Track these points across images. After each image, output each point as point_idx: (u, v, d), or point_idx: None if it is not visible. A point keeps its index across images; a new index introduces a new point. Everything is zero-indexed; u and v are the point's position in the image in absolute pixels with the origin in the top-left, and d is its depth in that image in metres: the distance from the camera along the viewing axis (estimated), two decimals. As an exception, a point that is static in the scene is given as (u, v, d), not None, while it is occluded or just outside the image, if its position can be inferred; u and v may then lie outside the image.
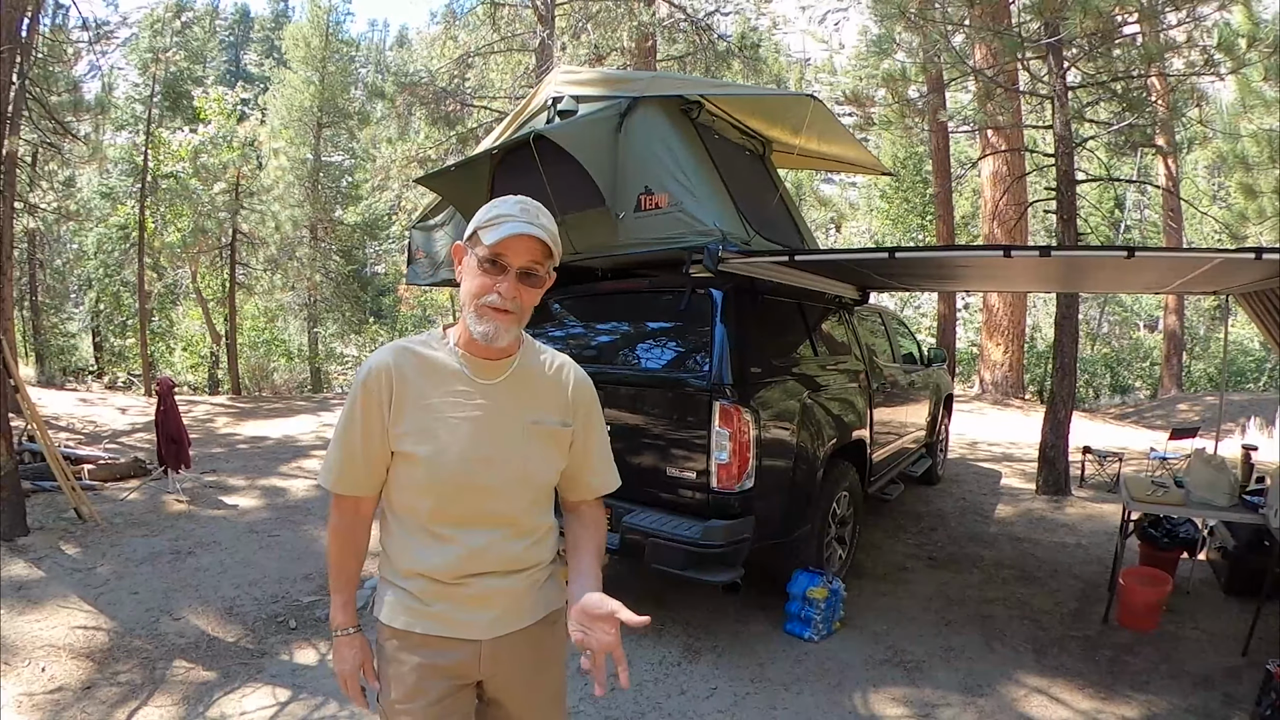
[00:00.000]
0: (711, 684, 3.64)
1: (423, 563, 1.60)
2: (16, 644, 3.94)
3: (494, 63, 14.51)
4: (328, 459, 1.65)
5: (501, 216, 1.51)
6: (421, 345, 1.63)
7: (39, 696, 3.48)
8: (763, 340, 4.10)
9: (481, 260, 1.52)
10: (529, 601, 1.70)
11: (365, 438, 1.59)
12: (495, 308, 1.51)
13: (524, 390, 1.65)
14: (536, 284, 1.56)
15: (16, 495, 5.53)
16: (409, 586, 1.62)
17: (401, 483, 1.62)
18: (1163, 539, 4.82)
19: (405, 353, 1.61)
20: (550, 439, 1.67)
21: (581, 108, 4.73)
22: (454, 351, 1.62)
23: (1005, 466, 8.79)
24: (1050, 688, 3.64)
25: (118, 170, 20.07)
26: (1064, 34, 6.70)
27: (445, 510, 1.59)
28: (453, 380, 1.59)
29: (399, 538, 1.64)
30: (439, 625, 1.62)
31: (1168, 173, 17.75)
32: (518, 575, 1.66)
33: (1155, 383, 20.24)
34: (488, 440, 1.58)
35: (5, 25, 5.50)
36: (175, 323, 23.34)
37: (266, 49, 60.99)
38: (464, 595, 1.61)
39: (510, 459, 1.60)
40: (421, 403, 1.57)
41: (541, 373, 1.70)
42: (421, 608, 1.61)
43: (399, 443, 1.57)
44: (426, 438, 1.56)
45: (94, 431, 10.81)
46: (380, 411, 1.57)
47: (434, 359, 1.61)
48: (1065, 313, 7.33)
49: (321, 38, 22.67)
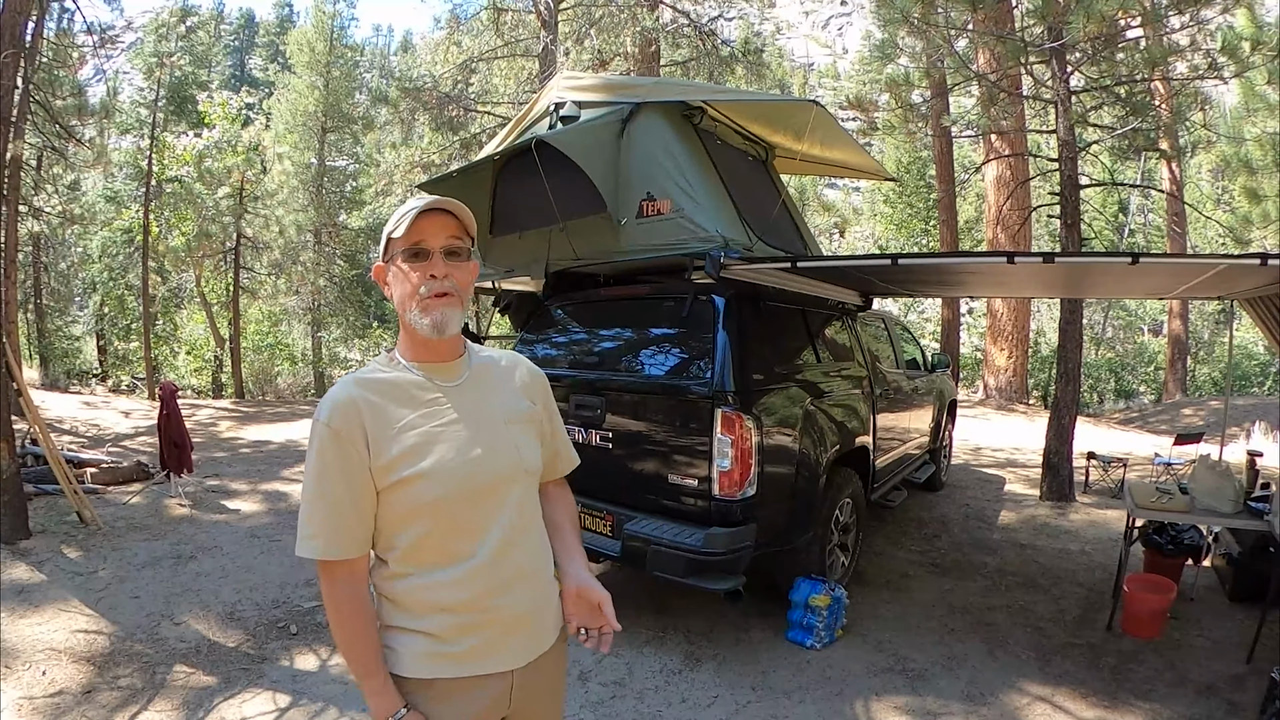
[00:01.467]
0: (713, 692, 3.62)
1: (442, 594, 1.49)
2: (17, 647, 3.94)
3: (497, 68, 14.53)
4: (307, 524, 1.46)
5: (405, 210, 1.49)
6: (373, 372, 1.56)
7: (39, 700, 3.48)
8: (765, 347, 4.09)
9: (405, 256, 1.49)
10: (550, 614, 1.65)
11: (349, 487, 1.46)
12: (436, 294, 1.48)
13: (488, 384, 1.63)
14: (463, 260, 1.54)
15: (18, 498, 5.54)
16: (427, 627, 1.50)
17: (399, 513, 1.49)
18: (1167, 545, 4.80)
19: (362, 383, 1.52)
20: (529, 424, 1.66)
21: (584, 113, 4.73)
22: (408, 367, 1.57)
23: (1009, 472, 8.76)
24: (1054, 696, 3.62)
25: (122, 174, 20.11)
26: (1067, 38, 6.68)
27: (453, 524, 1.50)
28: (419, 392, 1.54)
29: (405, 577, 1.51)
30: (468, 665, 1.51)
31: (1171, 177, 17.71)
32: (538, 581, 1.61)
33: (1159, 387, 20.22)
34: (479, 437, 1.54)
35: (8, 29, 5.50)
36: (179, 326, 23.41)
37: (271, 54, 61.27)
38: (490, 624, 1.52)
39: (504, 450, 1.57)
40: (399, 425, 1.49)
41: (493, 365, 1.69)
42: (446, 650, 1.49)
43: (390, 474, 1.46)
44: (421, 453, 1.48)
45: (97, 435, 10.81)
46: (357, 451, 1.45)
47: (393, 380, 1.54)
48: (1069, 318, 7.31)
49: (326, 43, 22.72)
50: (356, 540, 1.48)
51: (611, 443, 4.16)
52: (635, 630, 4.23)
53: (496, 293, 5.85)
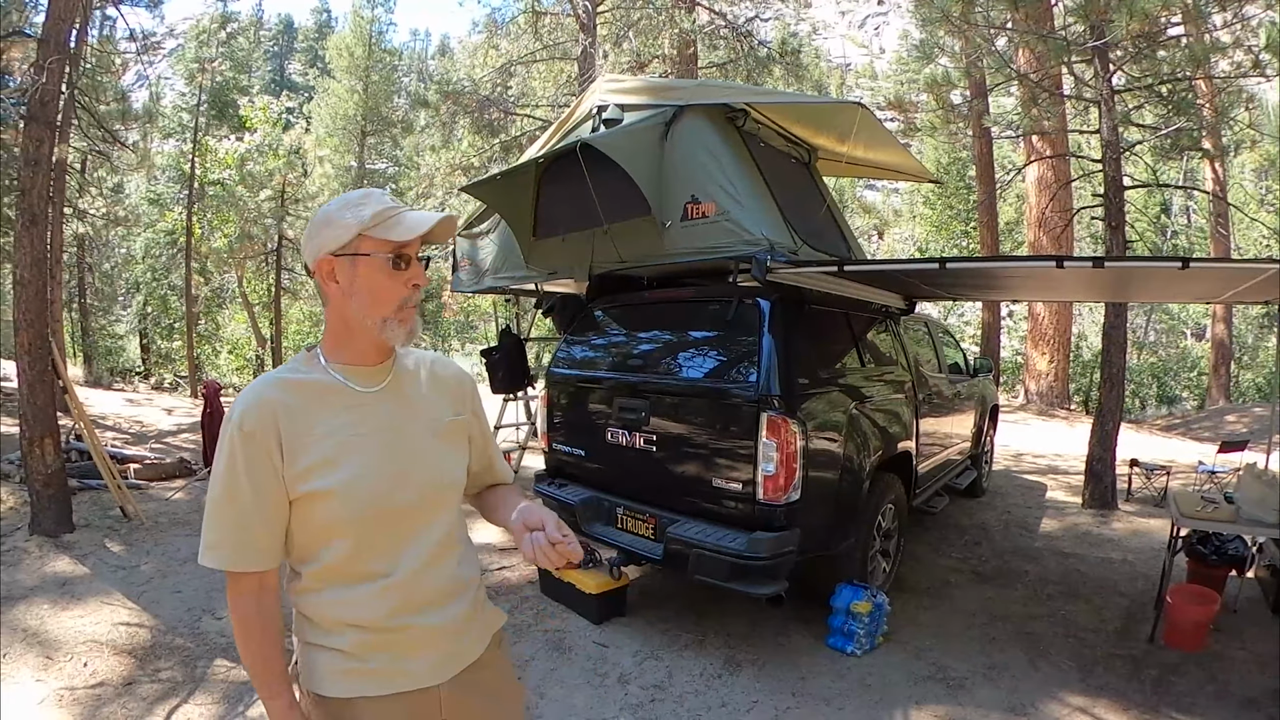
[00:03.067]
0: (753, 697, 3.61)
1: (351, 611, 1.43)
2: (59, 639, 4.03)
3: (536, 71, 14.60)
4: (211, 531, 1.39)
5: (389, 209, 1.41)
6: (291, 373, 1.47)
7: (80, 691, 3.55)
8: (810, 351, 4.06)
9: (390, 260, 1.40)
10: (474, 629, 1.59)
11: (257, 494, 1.37)
12: (414, 305, 1.44)
13: (410, 391, 1.54)
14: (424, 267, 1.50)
15: (63, 493, 5.70)
16: (338, 644, 1.44)
17: (312, 529, 1.42)
18: (1211, 556, 4.68)
19: (277, 385, 1.43)
20: (454, 434, 1.59)
21: (627, 116, 4.75)
22: (328, 368, 1.47)
23: (1050, 479, 8.63)
24: (1094, 708, 3.55)
25: (165, 177, 20.57)
26: (1110, 37, 6.57)
27: (369, 543, 1.43)
28: (337, 399, 1.44)
29: (317, 592, 1.45)
30: (384, 683, 1.45)
31: (1215, 177, 17.35)
32: (458, 600, 1.54)
33: (1203, 393, 19.79)
34: (398, 452, 1.46)
35: (53, 35, 5.64)
36: (221, 326, 23.89)
37: (310, 59, 62.12)
38: (404, 641, 1.46)
39: (425, 466, 1.49)
40: (315, 432, 1.40)
41: (418, 369, 1.60)
42: (359, 666, 1.44)
43: (301, 484, 1.38)
44: (333, 467, 1.40)
45: (140, 431, 11.05)
46: (268, 459, 1.37)
47: (311, 382, 1.44)
48: (1113, 322, 7.17)
49: (365, 47, 23.09)
50: (263, 552, 1.40)
51: (655, 446, 4.16)
52: (675, 634, 4.23)
53: (539, 294, 5.89)
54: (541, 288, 5.76)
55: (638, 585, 4.78)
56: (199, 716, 3.40)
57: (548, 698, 3.59)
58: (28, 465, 5.61)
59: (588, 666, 3.89)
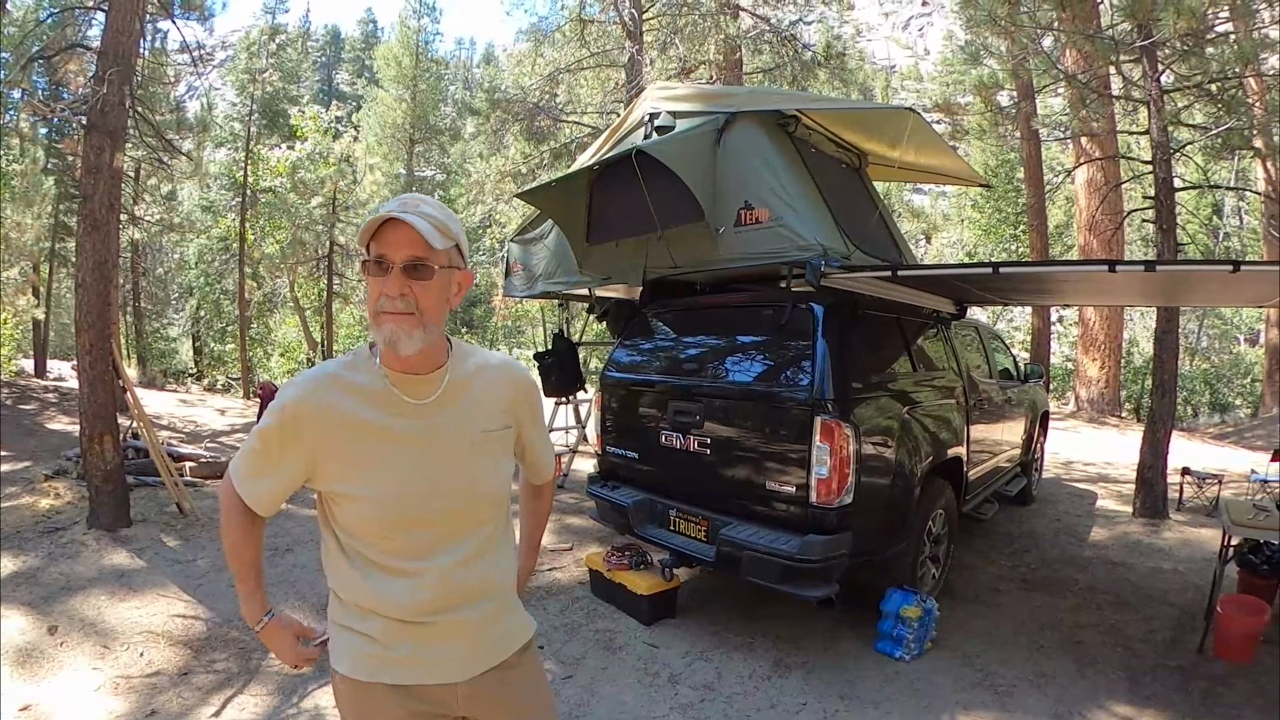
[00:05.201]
0: (801, 699, 3.63)
1: (380, 601, 1.48)
2: (116, 629, 4.16)
3: (583, 78, 14.73)
4: (239, 459, 1.55)
5: (373, 215, 1.41)
6: (346, 369, 1.50)
7: (136, 680, 3.66)
8: (862, 355, 4.08)
9: (367, 264, 1.42)
10: (499, 632, 1.62)
11: (280, 463, 1.49)
12: (388, 311, 1.39)
13: (463, 402, 1.54)
14: (425, 277, 1.40)
15: (121, 489, 5.86)
16: (367, 629, 1.50)
17: (347, 517, 1.49)
18: (1262, 566, 4.59)
19: (329, 380, 1.47)
20: (498, 445, 1.59)
21: (679, 123, 4.80)
22: (380, 372, 1.48)
23: (1101, 487, 8.50)
24: (1141, 718, 3.52)
25: (217, 185, 21.07)
26: (1158, 35, 6.47)
27: (400, 545, 1.48)
28: (382, 405, 1.46)
29: (350, 573, 1.50)
30: (407, 672, 1.51)
31: (1267, 176, 16.87)
32: (484, 604, 1.57)
33: (1256, 400, 19.23)
34: (432, 466, 1.48)
35: (112, 47, 5.82)
36: (272, 330, 24.38)
37: (358, 69, 63.13)
38: (428, 635, 1.50)
39: (461, 479, 1.50)
40: (352, 438, 1.45)
41: (477, 378, 1.58)
42: (384, 654, 1.49)
43: (333, 484, 1.47)
44: (364, 477, 1.45)
45: (194, 431, 11.34)
46: (298, 443, 1.45)
47: (359, 385, 1.47)
48: (1165, 327, 7.04)
49: (412, 57, 23.46)
50: (262, 499, 1.53)
51: (708, 448, 4.20)
52: (724, 635, 4.27)
53: (592, 299, 5.96)
54: (594, 292, 5.83)
55: (687, 587, 4.81)
56: (253, 706, 3.49)
57: (599, 695, 3.64)
58: (87, 461, 5.75)
59: (638, 666, 3.94)
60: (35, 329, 18.07)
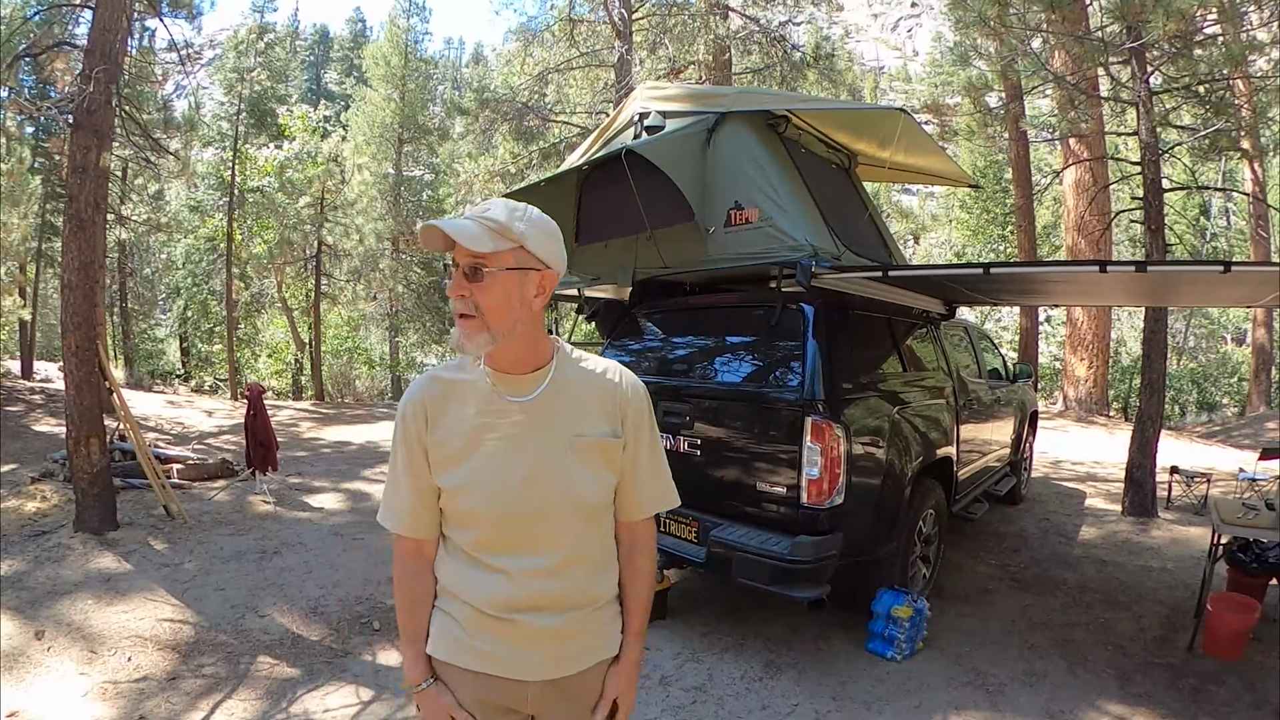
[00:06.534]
0: (793, 700, 3.62)
1: (468, 590, 1.54)
2: (103, 633, 4.11)
3: (572, 78, 14.71)
4: (385, 496, 1.61)
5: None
6: (454, 370, 1.57)
7: (124, 685, 3.63)
8: (853, 356, 4.08)
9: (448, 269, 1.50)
10: (580, 645, 1.60)
11: (411, 474, 1.55)
12: (458, 313, 1.46)
13: (564, 403, 1.55)
14: (480, 279, 1.43)
15: (108, 491, 5.81)
16: (454, 611, 1.56)
17: (450, 513, 1.56)
18: (1251, 564, 4.61)
19: (435, 382, 1.56)
20: (598, 453, 1.56)
21: (669, 123, 4.79)
22: (484, 371, 1.54)
23: (1089, 486, 8.54)
24: (1132, 715, 3.54)
25: (205, 184, 20.95)
26: (1147, 37, 6.50)
27: (491, 539, 1.52)
28: (484, 401, 1.52)
29: (446, 559, 1.59)
30: (483, 662, 1.55)
31: (1254, 178, 17.07)
32: (570, 614, 1.56)
33: (1243, 399, 19.41)
34: (527, 460, 1.50)
35: (99, 46, 5.77)
36: (260, 330, 24.27)
37: (346, 68, 63.01)
38: (510, 633, 1.53)
39: (553, 479, 1.51)
40: (455, 430, 1.52)
41: (583, 381, 1.59)
42: (465, 640, 1.55)
43: (437, 475, 1.53)
44: (461, 466, 1.51)
45: (181, 432, 11.30)
46: (419, 446, 1.53)
47: (464, 383, 1.55)
48: (1153, 327, 7.08)
49: (401, 56, 23.35)
50: (416, 524, 1.57)
51: (698, 449, 4.19)
52: (716, 636, 4.26)
53: (580, 300, 5.94)
54: (584, 293, 5.81)
55: (677, 588, 4.81)
56: (242, 711, 3.47)
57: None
58: (73, 464, 5.71)
59: (630, 668, 3.92)
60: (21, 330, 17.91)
